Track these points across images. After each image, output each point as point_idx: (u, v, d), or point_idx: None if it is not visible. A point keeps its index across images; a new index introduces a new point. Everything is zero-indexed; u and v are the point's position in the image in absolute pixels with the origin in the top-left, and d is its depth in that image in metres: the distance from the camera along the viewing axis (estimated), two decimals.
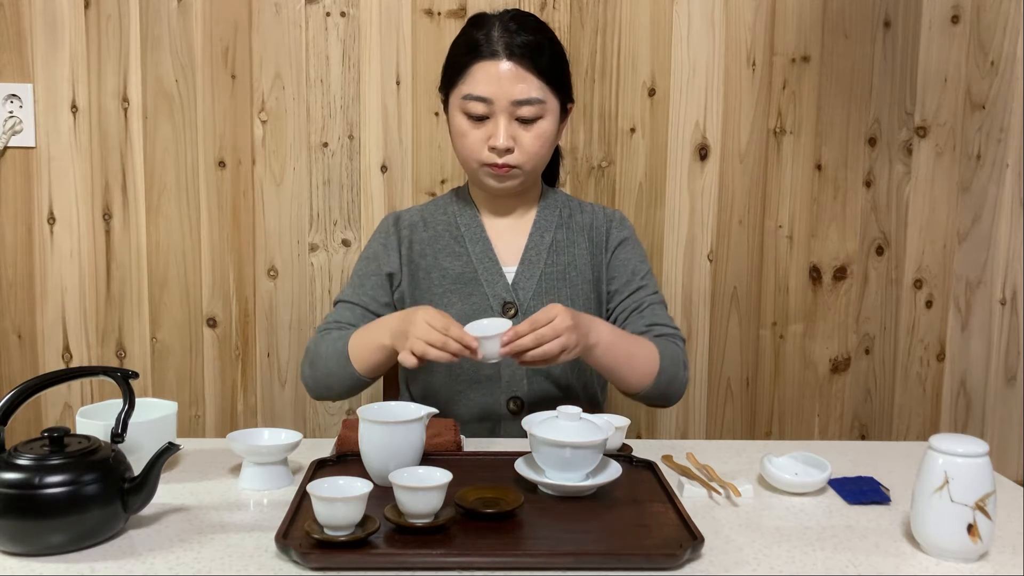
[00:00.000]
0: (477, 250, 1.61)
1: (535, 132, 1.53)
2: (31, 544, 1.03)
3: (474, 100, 1.51)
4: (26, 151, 2.04)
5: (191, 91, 2.04)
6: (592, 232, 1.65)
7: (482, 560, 1.01)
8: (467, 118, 1.53)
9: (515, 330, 1.34)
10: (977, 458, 1.04)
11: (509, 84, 1.50)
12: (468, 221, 1.63)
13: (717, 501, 1.23)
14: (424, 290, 1.60)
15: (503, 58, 1.50)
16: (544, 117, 1.53)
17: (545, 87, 1.52)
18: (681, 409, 2.19)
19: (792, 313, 2.18)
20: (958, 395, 2.23)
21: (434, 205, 1.69)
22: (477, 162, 1.54)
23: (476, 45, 1.52)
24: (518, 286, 1.59)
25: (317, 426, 2.16)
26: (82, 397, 2.11)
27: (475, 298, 1.58)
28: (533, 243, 1.62)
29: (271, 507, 1.19)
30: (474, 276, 1.59)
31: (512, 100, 1.50)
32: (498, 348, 1.35)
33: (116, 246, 2.07)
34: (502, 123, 1.51)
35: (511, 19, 1.53)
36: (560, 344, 1.34)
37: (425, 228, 1.64)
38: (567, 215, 1.66)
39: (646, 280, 1.64)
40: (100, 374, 1.18)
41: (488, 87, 1.50)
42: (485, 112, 1.51)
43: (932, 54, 2.12)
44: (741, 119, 2.12)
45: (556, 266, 1.61)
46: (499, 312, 1.57)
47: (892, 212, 2.17)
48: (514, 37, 1.50)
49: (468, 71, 1.52)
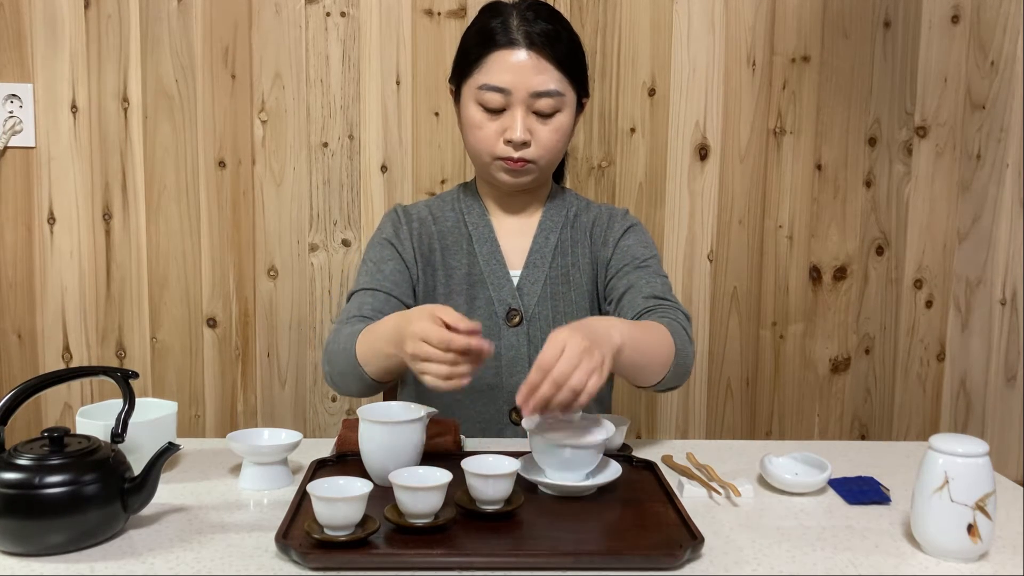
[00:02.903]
0: (484, 251, 1.56)
1: (552, 126, 1.47)
2: (31, 544, 1.03)
3: (491, 90, 1.44)
4: (26, 151, 2.04)
5: (191, 91, 2.04)
6: (594, 230, 1.60)
7: (482, 560, 1.01)
8: (482, 109, 1.46)
9: (527, 383, 1.14)
10: (977, 458, 1.04)
11: (528, 75, 1.43)
12: (476, 220, 1.58)
13: (717, 501, 1.23)
14: (430, 288, 1.56)
15: (522, 47, 1.43)
16: (562, 111, 1.48)
17: (564, 79, 1.46)
18: (681, 409, 2.19)
19: (792, 313, 2.18)
20: (958, 395, 2.23)
21: (440, 201, 1.64)
22: (490, 156, 1.48)
23: (493, 33, 1.45)
24: (523, 291, 1.55)
25: (317, 426, 2.16)
26: (82, 397, 2.11)
27: (479, 301, 1.54)
28: (538, 245, 1.57)
29: (271, 507, 1.19)
30: (481, 278, 1.55)
31: (531, 91, 1.44)
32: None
33: (116, 246, 2.07)
34: (519, 115, 1.45)
35: (528, 8, 1.47)
36: (585, 371, 1.12)
37: (434, 223, 1.59)
38: (573, 215, 1.61)
39: (649, 263, 1.54)
40: (100, 374, 1.18)
41: (506, 77, 1.44)
42: (502, 104, 1.45)
43: (932, 54, 2.12)
44: (741, 119, 2.12)
45: (560, 268, 1.57)
46: (503, 319, 1.53)
47: (892, 212, 2.17)
48: (533, 25, 1.44)
49: (485, 60, 1.45)
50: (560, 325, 1.49)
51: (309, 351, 2.13)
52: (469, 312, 1.54)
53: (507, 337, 1.53)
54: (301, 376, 2.13)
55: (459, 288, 1.55)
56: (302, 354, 2.13)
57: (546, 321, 1.55)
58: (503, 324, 1.53)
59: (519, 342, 1.53)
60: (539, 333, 1.53)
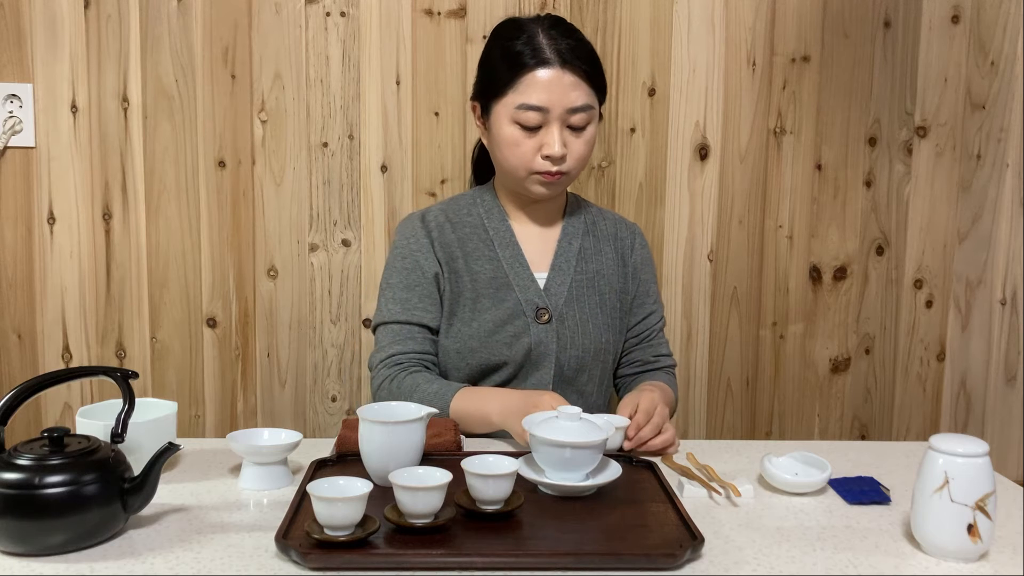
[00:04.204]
0: (507, 255, 1.60)
1: (584, 138, 1.53)
2: (31, 544, 1.03)
3: (529, 110, 1.49)
4: (26, 151, 2.04)
5: (191, 91, 2.04)
6: (617, 243, 1.68)
7: (482, 560, 1.01)
8: (519, 128, 1.51)
9: (635, 423, 1.38)
10: (977, 458, 1.04)
11: (565, 92, 1.49)
12: (497, 225, 1.62)
13: (717, 501, 1.23)
14: (457, 294, 1.59)
15: (556, 66, 1.48)
16: (592, 123, 1.54)
17: (592, 93, 1.53)
18: (681, 409, 2.19)
19: (792, 313, 2.18)
20: (958, 395, 2.23)
21: (456, 204, 1.66)
22: (527, 171, 1.53)
23: (522, 55, 1.49)
24: (550, 291, 1.59)
25: (317, 426, 2.16)
26: (82, 397, 2.11)
27: (508, 303, 1.58)
28: (562, 249, 1.63)
29: (271, 507, 1.19)
30: (506, 281, 1.58)
31: (567, 108, 1.49)
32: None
33: (116, 246, 2.07)
34: (556, 131, 1.50)
35: (552, 26, 1.52)
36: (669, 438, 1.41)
37: (453, 229, 1.62)
38: (591, 222, 1.68)
39: (656, 305, 1.72)
40: (100, 374, 1.18)
41: (543, 96, 1.48)
42: (539, 121, 1.50)
43: (932, 54, 2.12)
44: (741, 119, 2.12)
45: (585, 273, 1.63)
46: (532, 318, 1.57)
47: (892, 212, 2.17)
48: (561, 42, 1.49)
49: (520, 80, 1.50)
50: (587, 327, 1.59)
51: (309, 351, 2.13)
52: (499, 314, 1.57)
53: (536, 333, 1.58)
54: (301, 376, 2.13)
55: (486, 291, 1.59)
56: (302, 354, 2.13)
57: (573, 321, 1.60)
58: (532, 321, 1.58)
59: (548, 338, 1.58)
60: (567, 331, 1.59)
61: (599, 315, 1.62)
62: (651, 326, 1.70)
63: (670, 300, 2.14)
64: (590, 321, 1.61)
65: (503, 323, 1.56)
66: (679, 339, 2.16)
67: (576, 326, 1.59)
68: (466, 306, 1.58)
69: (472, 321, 1.57)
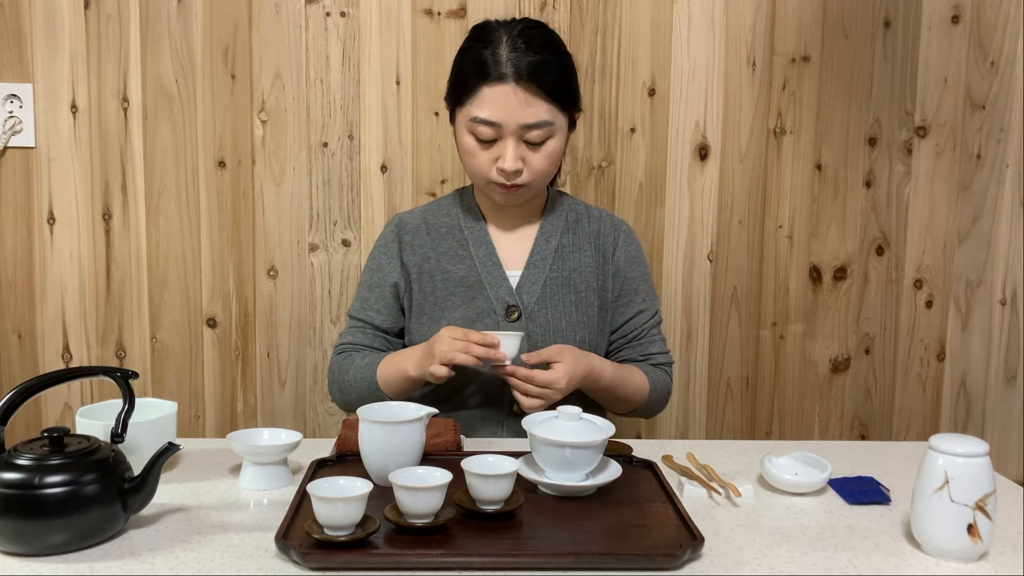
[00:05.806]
0: (481, 254, 1.60)
1: (543, 152, 1.52)
2: (31, 544, 1.03)
3: (482, 124, 1.49)
4: (26, 151, 2.04)
5: (191, 91, 2.04)
6: (599, 240, 1.66)
7: (482, 560, 1.01)
8: (475, 139, 1.51)
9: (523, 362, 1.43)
10: (977, 458, 1.04)
11: (517, 109, 1.47)
12: (472, 225, 1.63)
13: (717, 501, 1.23)
14: (428, 293, 1.60)
15: (511, 82, 1.46)
16: (553, 137, 1.52)
17: (554, 108, 1.50)
18: (681, 409, 2.19)
19: (792, 313, 2.18)
20: (958, 395, 2.23)
21: (437, 206, 1.68)
22: (485, 180, 1.54)
23: (484, 65, 1.48)
24: (522, 290, 1.59)
25: (317, 426, 2.16)
26: (82, 397, 2.11)
27: (478, 302, 1.58)
28: (538, 248, 1.62)
29: (271, 507, 1.19)
30: (477, 280, 1.59)
31: (520, 124, 1.48)
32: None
33: (116, 246, 2.07)
34: (510, 147, 1.49)
35: (519, 34, 1.49)
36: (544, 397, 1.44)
37: (428, 232, 1.64)
38: (573, 220, 1.66)
39: (646, 303, 1.67)
40: (100, 374, 1.18)
41: (496, 112, 1.47)
42: (493, 135, 1.49)
43: (932, 54, 2.12)
44: (741, 119, 2.12)
45: (561, 271, 1.62)
46: (502, 316, 1.57)
47: (892, 212, 2.17)
48: (522, 58, 1.46)
49: (476, 93, 1.49)
50: (560, 325, 1.56)
51: (309, 351, 2.13)
52: (468, 313, 1.58)
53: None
54: (301, 376, 2.13)
55: (457, 290, 1.59)
56: (302, 354, 2.13)
57: (545, 319, 1.59)
58: (502, 320, 1.57)
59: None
60: (538, 330, 1.58)
61: (573, 313, 1.60)
62: (640, 325, 1.66)
63: (670, 300, 2.14)
64: (563, 319, 1.59)
65: (472, 321, 1.56)
66: (679, 339, 2.16)
67: (548, 324, 1.58)
68: (436, 304, 1.59)
69: (441, 319, 1.57)
